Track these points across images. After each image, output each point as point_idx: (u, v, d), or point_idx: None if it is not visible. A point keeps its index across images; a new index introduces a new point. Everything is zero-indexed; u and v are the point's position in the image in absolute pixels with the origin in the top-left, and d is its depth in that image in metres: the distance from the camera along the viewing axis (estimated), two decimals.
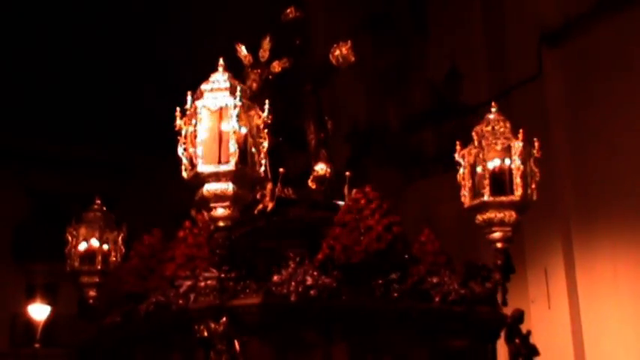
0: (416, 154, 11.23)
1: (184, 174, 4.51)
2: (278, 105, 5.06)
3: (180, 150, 4.55)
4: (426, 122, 11.20)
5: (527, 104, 8.51)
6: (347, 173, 5.57)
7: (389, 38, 10.83)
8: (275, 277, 4.50)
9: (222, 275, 4.41)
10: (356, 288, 4.57)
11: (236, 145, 4.38)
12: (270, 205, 5.28)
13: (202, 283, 4.57)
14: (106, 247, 6.69)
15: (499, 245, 5.03)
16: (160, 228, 5.72)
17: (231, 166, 4.38)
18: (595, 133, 8.34)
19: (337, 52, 5.61)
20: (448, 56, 9.93)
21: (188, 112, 4.51)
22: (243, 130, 4.46)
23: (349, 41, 5.60)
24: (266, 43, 5.63)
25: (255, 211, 5.28)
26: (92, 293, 6.65)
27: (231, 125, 4.42)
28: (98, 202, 6.78)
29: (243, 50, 5.71)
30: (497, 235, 5.02)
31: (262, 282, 4.45)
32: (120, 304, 5.78)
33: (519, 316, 4.97)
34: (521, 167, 4.98)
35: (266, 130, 4.54)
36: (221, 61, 4.62)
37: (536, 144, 5.08)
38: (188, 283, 4.64)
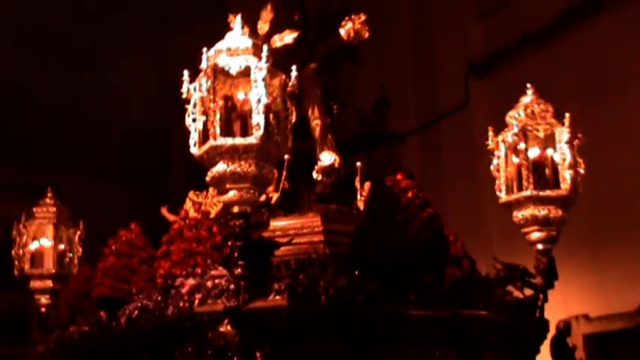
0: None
1: (194, 149, 3.75)
2: None
3: (188, 120, 3.80)
4: (357, 149, 10.86)
5: (455, 132, 8.67)
6: (358, 164, 4.89)
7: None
8: (300, 275, 3.77)
9: (240, 271, 3.64)
10: (389, 291, 3.87)
11: (262, 116, 3.65)
12: (274, 197, 4.54)
13: (210, 282, 3.83)
14: (61, 246, 5.86)
15: (541, 247, 4.41)
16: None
17: (254, 140, 3.64)
18: None
19: (349, 26, 4.92)
20: (378, 84, 9.82)
21: (200, 76, 3.77)
22: (267, 100, 3.73)
23: (362, 14, 4.93)
24: (266, 14, 4.90)
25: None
26: (45, 300, 5.79)
27: (256, 92, 3.68)
28: (50, 194, 5.93)
29: (237, 22, 4.98)
30: (540, 234, 4.40)
31: (285, 281, 3.71)
32: (86, 312, 4.97)
33: (566, 328, 4.35)
34: (569, 157, 4.39)
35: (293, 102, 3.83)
36: (239, 18, 3.89)
37: (579, 136, 4.49)
38: (191, 282, 3.87)
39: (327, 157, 4.86)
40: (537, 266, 4.38)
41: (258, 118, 3.65)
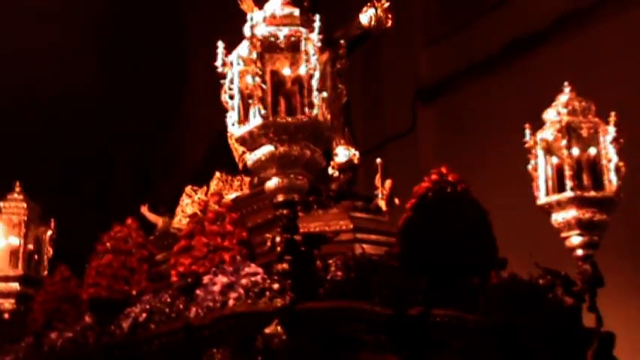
0: None
1: (233, 129, 3.32)
2: None
3: (224, 97, 3.37)
4: None
5: (401, 157, 8.60)
6: (378, 160, 4.52)
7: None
8: (338, 273, 3.36)
9: (286, 267, 3.21)
10: (443, 293, 3.50)
11: (317, 94, 3.25)
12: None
13: (245, 280, 3.39)
14: (30, 246, 5.31)
15: (582, 252, 4.11)
16: None
17: (308, 120, 3.23)
18: None
19: (371, 13, 4.55)
20: None
21: (242, 46, 3.35)
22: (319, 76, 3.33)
23: (385, 0, 4.56)
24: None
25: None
26: (9, 305, 5.22)
27: (308, 67, 3.28)
28: (18, 188, 5.38)
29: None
30: (581, 239, 4.10)
31: (336, 280, 3.30)
32: (67, 317, 4.47)
33: (610, 338, 4.05)
34: (615, 157, 4.11)
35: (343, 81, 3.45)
36: None
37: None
38: (224, 280, 3.42)
39: (344, 152, 4.49)
40: (580, 273, 4.08)
41: (311, 96, 3.26)
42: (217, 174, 4.61)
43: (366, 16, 4.55)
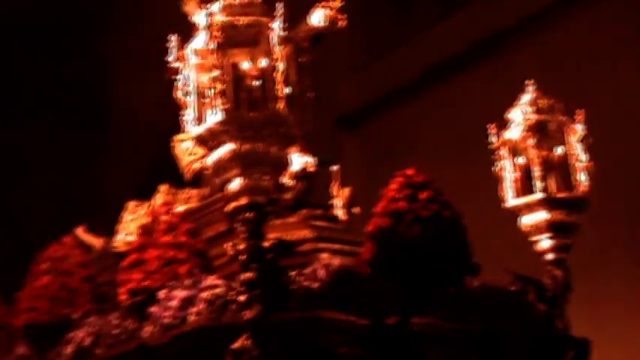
0: None
1: (192, 127, 3.03)
2: None
3: (179, 93, 3.09)
4: None
5: (327, 183, 8.73)
6: (334, 167, 4.27)
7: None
8: (308, 283, 3.08)
9: (252, 277, 2.91)
10: (419, 302, 3.25)
11: (282, 86, 2.98)
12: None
13: (206, 293, 3.08)
14: None
15: (553, 256, 3.92)
16: None
17: (274, 114, 2.96)
18: None
19: (322, 12, 4.31)
20: None
21: (198, 37, 3.07)
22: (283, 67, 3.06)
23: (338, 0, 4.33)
24: None
25: None
26: None
27: (272, 57, 3.01)
28: None
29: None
30: (552, 242, 3.91)
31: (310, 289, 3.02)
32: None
33: (585, 345, 3.85)
34: (583, 156, 3.95)
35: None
36: None
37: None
38: (182, 294, 3.11)
39: (299, 160, 4.22)
40: (551, 278, 3.88)
41: (275, 90, 2.99)
42: (162, 187, 4.29)
43: (317, 17, 4.32)
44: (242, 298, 2.92)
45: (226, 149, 2.97)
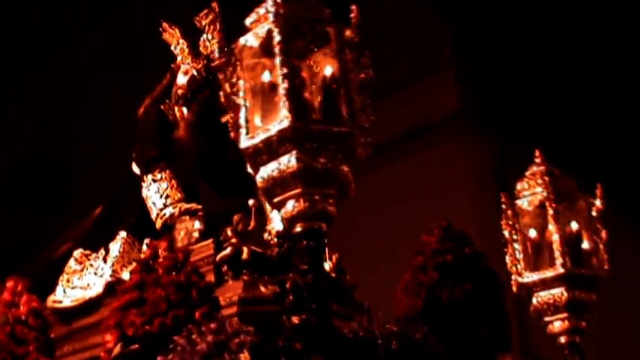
0: None
1: (242, 140, 2.51)
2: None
3: (228, 98, 2.58)
4: None
5: None
6: (251, 202, 3.61)
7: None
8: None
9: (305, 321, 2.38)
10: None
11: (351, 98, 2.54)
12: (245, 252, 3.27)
13: (237, 339, 2.49)
14: None
15: (564, 339, 3.56)
16: None
17: (343, 126, 2.49)
18: None
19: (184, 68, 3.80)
20: None
21: (256, 31, 2.59)
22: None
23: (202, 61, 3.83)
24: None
25: (218, 258, 3.24)
26: None
27: (335, 67, 2.57)
28: None
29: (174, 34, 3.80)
30: (565, 323, 3.56)
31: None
32: None
33: None
34: (602, 231, 3.67)
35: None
36: None
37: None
38: (209, 338, 2.50)
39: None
40: None
41: (346, 101, 2.54)
42: (123, 234, 3.65)
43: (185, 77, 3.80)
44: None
45: (285, 163, 2.47)
